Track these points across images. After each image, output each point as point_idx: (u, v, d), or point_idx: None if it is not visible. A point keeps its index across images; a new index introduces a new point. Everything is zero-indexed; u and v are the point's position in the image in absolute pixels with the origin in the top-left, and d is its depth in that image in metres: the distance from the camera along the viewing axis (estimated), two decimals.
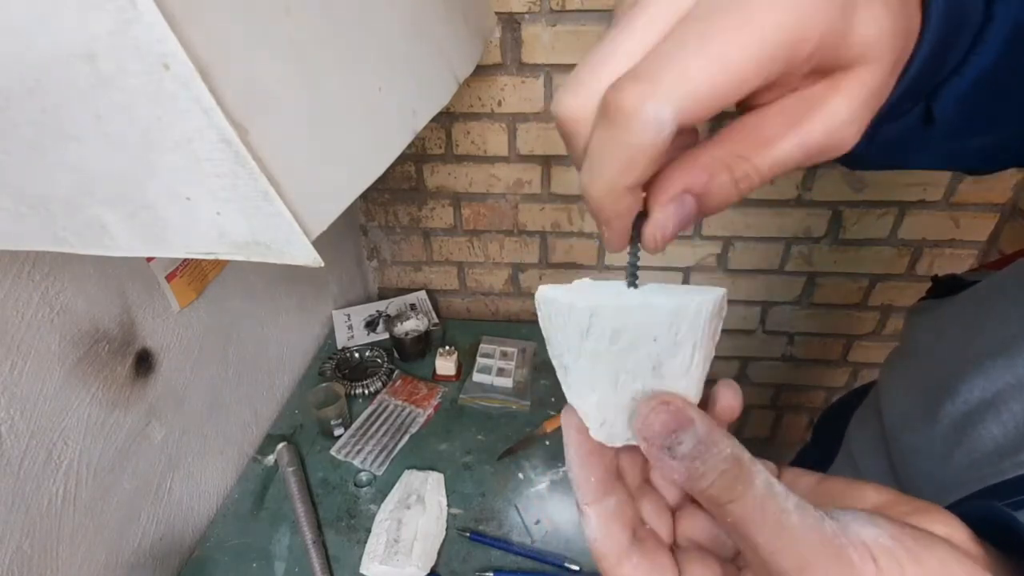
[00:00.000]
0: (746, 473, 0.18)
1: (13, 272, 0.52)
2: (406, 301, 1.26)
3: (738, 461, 0.18)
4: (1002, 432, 0.35)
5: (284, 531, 0.80)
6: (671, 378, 0.20)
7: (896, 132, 0.24)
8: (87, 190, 0.32)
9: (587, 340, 0.20)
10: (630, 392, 0.21)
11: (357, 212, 1.24)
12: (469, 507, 0.83)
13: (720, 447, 0.18)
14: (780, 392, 1.37)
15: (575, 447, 0.22)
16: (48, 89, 0.27)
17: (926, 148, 0.26)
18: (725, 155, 0.18)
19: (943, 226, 1.08)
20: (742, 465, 0.18)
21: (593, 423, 0.21)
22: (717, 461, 0.18)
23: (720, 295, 0.20)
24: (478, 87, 1.02)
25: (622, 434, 0.21)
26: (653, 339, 0.20)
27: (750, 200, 1.09)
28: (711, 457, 0.18)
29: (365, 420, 0.97)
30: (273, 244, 0.32)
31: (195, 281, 0.76)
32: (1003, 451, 0.34)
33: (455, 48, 0.67)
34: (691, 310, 0.19)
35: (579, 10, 0.93)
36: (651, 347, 0.20)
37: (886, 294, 1.18)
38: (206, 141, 0.28)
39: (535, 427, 0.95)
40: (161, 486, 0.74)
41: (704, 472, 0.18)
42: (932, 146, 0.26)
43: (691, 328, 0.20)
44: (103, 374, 0.63)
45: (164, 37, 0.24)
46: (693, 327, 0.20)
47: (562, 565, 0.75)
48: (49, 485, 0.58)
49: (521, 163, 1.10)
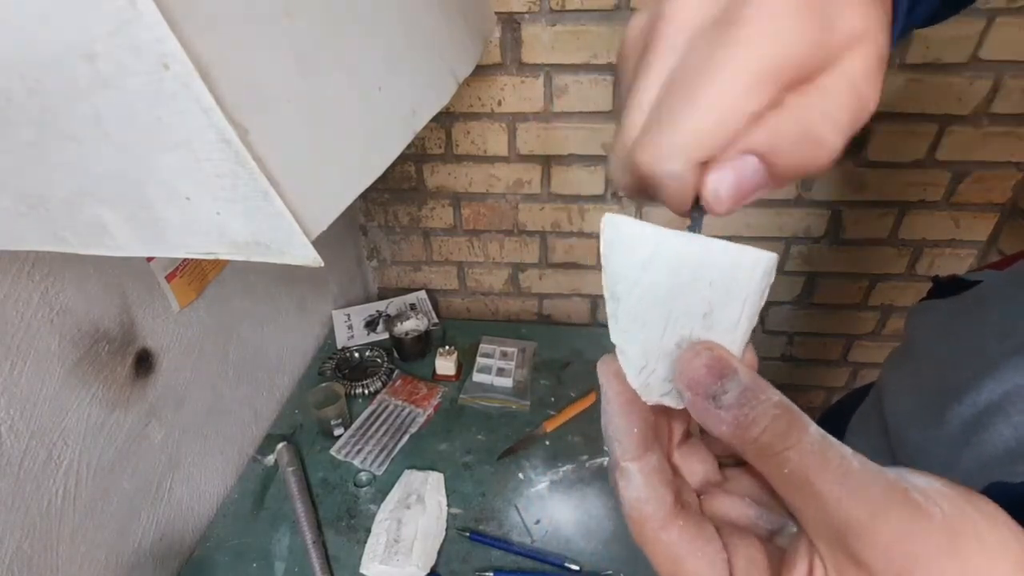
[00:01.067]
0: (799, 419, 0.17)
1: (13, 272, 0.52)
2: (406, 301, 1.26)
3: (789, 408, 0.17)
4: (1013, 434, 0.35)
5: (284, 531, 0.80)
6: (719, 330, 0.20)
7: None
8: (87, 190, 0.32)
9: (647, 271, 0.20)
10: (677, 337, 0.20)
11: (357, 212, 1.24)
12: (469, 507, 0.83)
13: (768, 393, 0.17)
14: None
15: (615, 395, 0.21)
16: (48, 89, 0.27)
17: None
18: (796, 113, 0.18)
19: (943, 226, 1.08)
20: (793, 412, 0.17)
21: (633, 367, 0.21)
22: (768, 407, 0.17)
23: (774, 258, 0.20)
24: (478, 87, 1.02)
25: (659, 387, 0.20)
26: (709, 283, 0.19)
27: None
28: (760, 403, 0.17)
29: (365, 420, 0.97)
30: (273, 244, 0.32)
31: (195, 281, 0.76)
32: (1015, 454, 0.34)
33: (455, 48, 0.67)
34: (749, 261, 0.19)
35: (579, 10, 0.93)
36: (706, 291, 0.20)
37: (886, 294, 1.18)
38: (206, 141, 0.28)
39: (535, 427, 0.95)
40: (161, 486, 0.74)
41: (755, 418, 0.17)
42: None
43: (747, 280, 0.20)
44: (103, 374, 0.63)
45: (164, 37, 0.24)
46: (749, 280, 0.20)
47: (562, 565, 0.75)
48: (49, 485, 0.58)
49: (521, 163, 1.10)
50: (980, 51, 0.90)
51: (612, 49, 0.96)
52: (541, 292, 1.28)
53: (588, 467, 0.89)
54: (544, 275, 1.26)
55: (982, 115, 0.95)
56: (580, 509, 0.82)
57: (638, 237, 0.20)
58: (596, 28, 0.94)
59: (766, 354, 1.31)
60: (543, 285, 1.27)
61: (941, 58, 0.91)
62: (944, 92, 0.94)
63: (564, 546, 0.78)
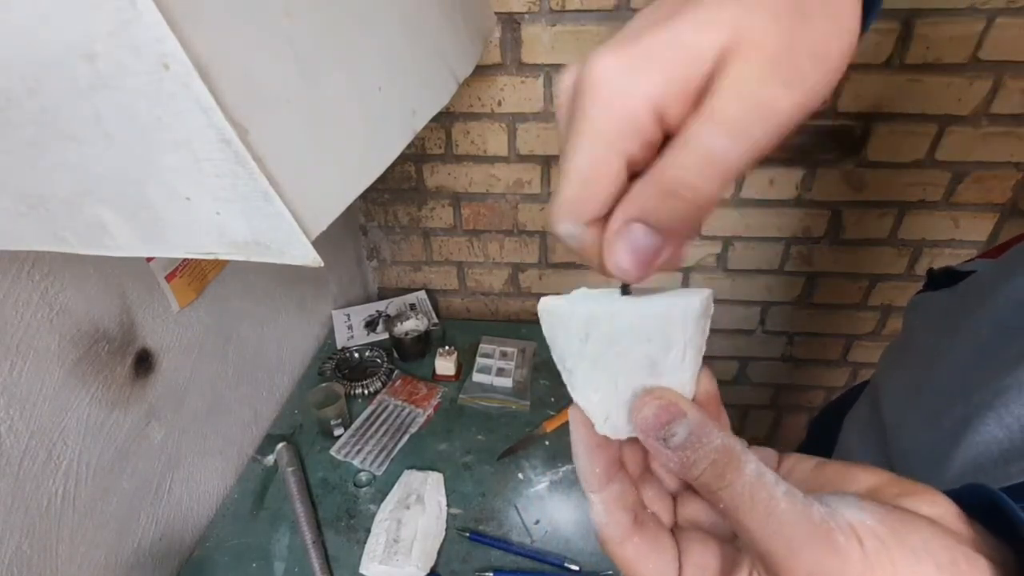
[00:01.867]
0: (736, 462, 0.19)
1: (13, 272, 0.52)
2: (406, 301, 1.26)
3: (728, 450, 0.19)
4: (1006, 435, 0.34)
5: (284, 531, 0.80)
6: (667, 374, 0.22)
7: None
8: (87, 190, 0.32)
9: (587, 344, 0.22)
10: (630, 389, 0.22)
11: (357, 212, 1.24)
12: (469, 507, 0.83)
13: (711, 438, 0.19)
14: (780, 392, 1.37)
15: (582, 441, 0.23)
16: (48, 89, 0.27)
17: None
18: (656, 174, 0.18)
19: (943, 226, 1.08)
20: (732, 454, 0.19)
21: (598, 419, 0.23)
22: (708, 451, 0.19)
23: (706, 296, 0.22)
24: (478, 87, 1.02)
25: (625, 428, 0.22)
26: (647, 340, 0.21)
27: (749, 200, 1.09)
28: (702, 447, 0.19)
29: (365, 420, 0.97)
30: (273, 244, 0.32)
31: (195, 281, 0.76)
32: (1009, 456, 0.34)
33: (455, 48, 0.67)
34: (679, 311, 0.21)
35: (579, 10, 0.93)
36: (646, 347, 0.21)
37: (886, 294, 1.18)
38: (206, 141, 0.28)
39: (535, 427, 0.95)
40: (161, 486, 0.74)
41: (696, 460, 0.19)
42: None
43: (682, 327, 0.21)
44: (103, 374, 0.63)
45: (164, 37, 0.24)
46: (683, 326, 0.21)
47: (562, 565, 0.75)
48: (49, 485, 0.58)
49: (521, 163, 1.10)
50: (980, 51, 0.90)
51: None
52: (541, 292, 1.28)
53: None
54: (544, 275, 1.26)
55: (982, 115, 0.95)
56: (580, 509, 0.82)
57: (571, 316, 0.22)
58: (596, 28, 0.94)
59: (766, 354, 1.31)
60: (543, 285, 1.27)
61: (941, 58, 0.91)
62: (944, 92, 0.94)
63: (564, 546, 0.78)
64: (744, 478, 0.18)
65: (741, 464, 0.18)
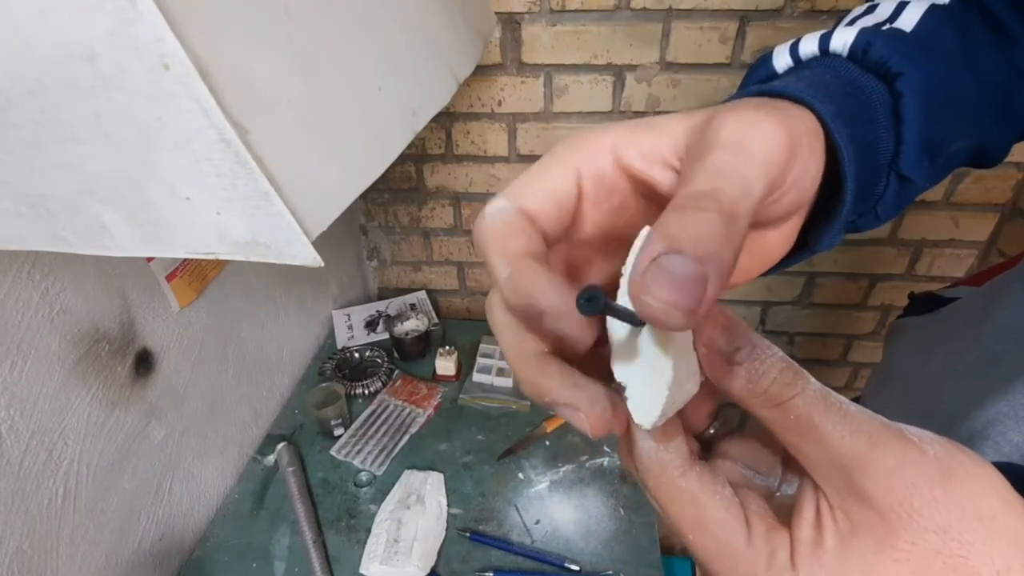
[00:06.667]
0: (801, 372, 0.18)
1: (13, 272, 0.52)
2: (406, 301, 1.26)
3: (792, 362, 0.19)
4: (1006, 464, 0.34)
5: (284, 531, 0.80)
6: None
7: (887, 204, 0.26)
8: (87, 190, 0.32)
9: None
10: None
11: (357, 212, 1.24)
12: (469, 507, 0.83)
13: (773, 350, 0.19)
14: None
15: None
16: (48, 89, 0.27)
17: (924, 178, 0.26)
18: (674, 202, 0.18)
19: (943, 226, 1.08)
20: (796, 365, 0.19)
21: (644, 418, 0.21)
22: (775, 360, 0.19)
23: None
24: (478, 87, 1.02)
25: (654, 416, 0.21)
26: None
27: None
28: (768, 358, 0.19)
29: (365, 420, 0.97)
30: (273, 244, 0.32)
31: (195, 281, 0.76)
32: None
33: (455, 48, 0.67)
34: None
35: (579, 10, 0.93)
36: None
37: (886, 294, 1.18)
38: (206, 141, 0.28)
39: (535, 427, 0.95)
40: (161, 486, 0.74)
41: (764, 371, 0.18)
42: (928, 173, 0.26)
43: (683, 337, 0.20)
44: (103, 374, 0.63)
45: (164, 37, 0.24)
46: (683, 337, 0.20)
47: (562, 565, 0.75)
48: (49, 485, 0.58)
49: (521, 163, 1.10)
50: None
51: (612, 49, 0.96)
52: None
53: (588, 467, 0.89)
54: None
55: None
56: (580, 509, 0.82)
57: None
58: (596, 28, 0.94)
59: None
60: None
61: None
62: None
63: (564, 546, 0.78)
64: (813, 385, 0.18)
65: (805, 374, 0.18)
